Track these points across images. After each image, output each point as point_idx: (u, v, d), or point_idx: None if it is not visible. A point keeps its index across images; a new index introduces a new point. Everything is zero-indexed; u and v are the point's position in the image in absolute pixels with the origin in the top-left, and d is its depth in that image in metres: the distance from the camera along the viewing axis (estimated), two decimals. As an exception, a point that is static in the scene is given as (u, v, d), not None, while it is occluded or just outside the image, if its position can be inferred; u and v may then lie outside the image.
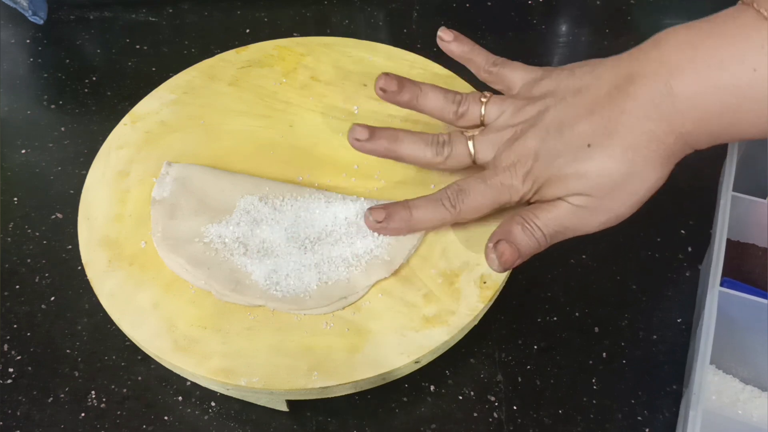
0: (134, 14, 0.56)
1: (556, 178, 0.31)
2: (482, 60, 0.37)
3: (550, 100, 0.32)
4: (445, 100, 0.36)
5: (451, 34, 0.37)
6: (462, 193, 0.33)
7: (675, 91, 0.28)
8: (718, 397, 0.37)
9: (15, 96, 0.50)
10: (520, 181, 0.32)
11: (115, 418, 0.35)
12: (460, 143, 0.34)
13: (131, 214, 0.38)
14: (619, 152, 0.29)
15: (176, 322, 0.34)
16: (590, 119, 0.30)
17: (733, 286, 0.36)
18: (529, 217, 0.31)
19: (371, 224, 0.34)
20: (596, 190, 0.30)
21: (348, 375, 0.32)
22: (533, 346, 0.38)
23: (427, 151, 0.34)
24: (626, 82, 0.30)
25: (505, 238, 0.31)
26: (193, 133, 0.42)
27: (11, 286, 0.40)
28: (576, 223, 0.31)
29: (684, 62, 0.28)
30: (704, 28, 0.29)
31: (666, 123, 0.29)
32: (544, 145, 0.31)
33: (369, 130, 0.35)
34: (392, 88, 0.35)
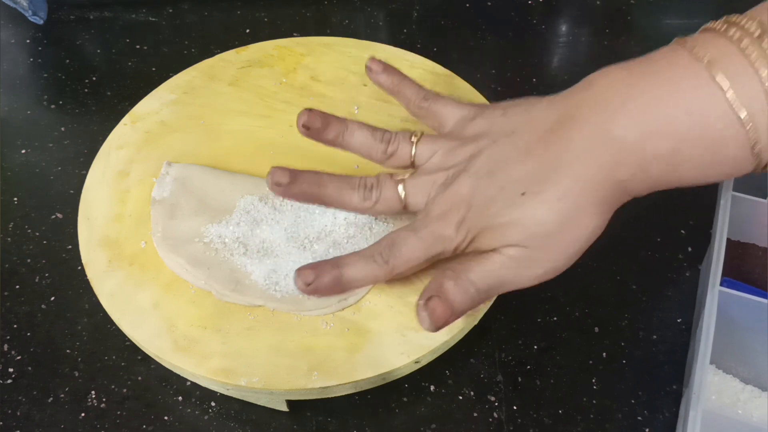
0: (134, 14, 0.56)
1: (490, 227, 0.29)
2: (412, 94, 0.35)
3: (482, 142, 0.31)
4: (373, 139, 0.34)
5: (380, 66, 0.36)
6: (394, 248, 0.30)
7: (612, 135, 0.27)
8: (718, 397, 0.37)
9: (15, 96, 0.50)
10: (453, 230, 0.30)
11: (115, 418, 0.35)
12: (389, 188, 0.32)
13: (131, 214, 0.38)
14: (553, 200, 0.28)
15: (176, 322, 0.34)
16: (523, 164, 0.29)
17: (733, 285, 0.36)
18: (461, 271, 0.29)
19: (301, 287, 0.31)
20: (531, 241, 0.29)
21: (348, 375, 0.32)
22: (533, 346, 0.38)
23: (354, 196, 0.33)
24: (560, 125, 0.29)
25: (436, 294, 0.29)
26: (193, 133, 0.42)
27: (11, 286, 0.40)
28: (511, 277, 0.30)
29: (617, 104, 0.27)
30: (637, 69, 0.28)
31: (602, 170, 0.27)
32: (476, 192, 0.29)
33: (290, 174, 0.32)
34: (316, 125, 0.33)
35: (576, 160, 0.28)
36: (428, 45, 0.53)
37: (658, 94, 0.26)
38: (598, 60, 0.35)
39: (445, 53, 0.52)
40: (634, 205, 0.45)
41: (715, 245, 0.36)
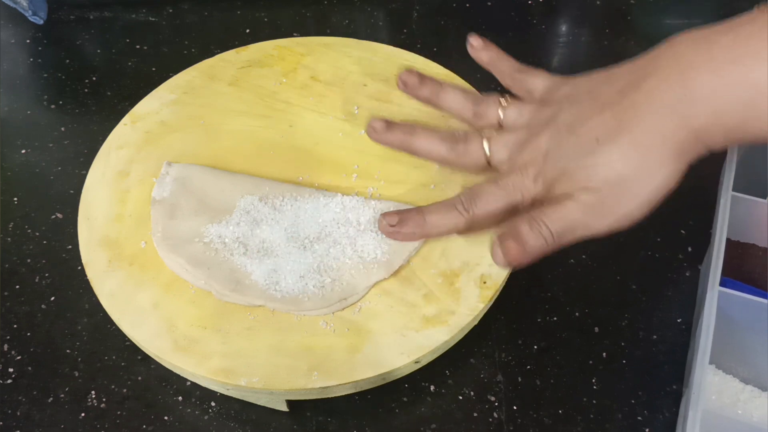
0: (134, 14, 0.56)
1: (563, 174, 0.30)
2: (507, 67, 0.37)
3: (564, 103, 0.32)
4: (465, 99, 0.36)
5: (480, 42, 0.38)
6: (475, 197, 0.32)
7: (689, 85, 0.28)
8: (719, 397, 0.37)
9: (15, 96, 0.50)
10: (531, 181, 0.31)
11: (115, 418, 0.35)
12: (476, 142, 0.34)
13: (131, 214, 0.38)
14: (626, 147, 0.29)
15: (176, 322, 0.34)
16: (601, 115, 0.30)
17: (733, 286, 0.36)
18: (536, 215, 0.31)
19: (385, 229, 0.33)
20: (603, 186, 0.29)
21: (348, 375, 0.32)
22: (533, 346, 0.38)
23: (442, 147, 0.34)
24: (637, 79, 0.30)
25: (513, 236, 0.31)
26: (193, 133, 0.42)
27: (11, 286, 0.40)
28: (584, 222, 0.30)
29: (699, 58, 0.28)
30: (719, 30, 0.29)
31: (678, 117, 0.28)
32: (554, 144, 0.31)
33: (386, 123, 0.35)
34: (413, 82, 0.36)
35: (651, 108, 0.29)
36: (428, 45, 0.53)
37: (737, 51, 0.27)
38: (598, 60, 0.35)
39: (445, 53, 0.52)
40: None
41: (715, 245, 0.36)
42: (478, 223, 0.33)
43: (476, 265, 0.36)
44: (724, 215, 0.37)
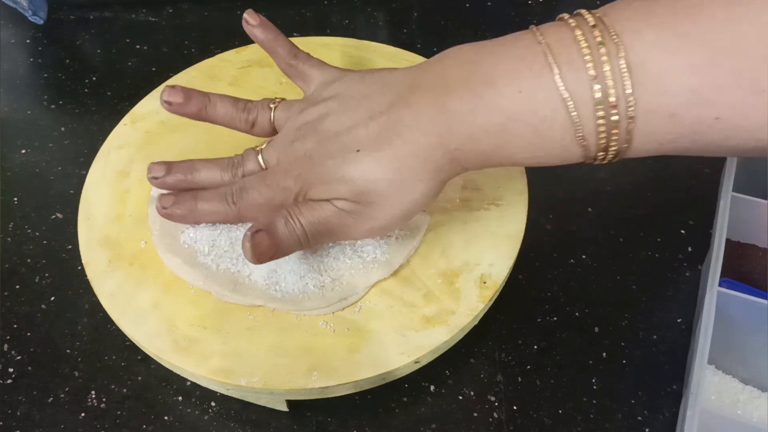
0: (134, 14, 0.56)
1: (324, 180, 0.31)
2: (284, 51, 0.36)
3: (333, 104, 0.32)
4: (235, 109, 0.35)
5: (257, 19, 0.37)
6: (243, 192, 0.33)
7: (447, 106, 0.28)
8: (718, 398, 0.37)
9: (15, 96, 0.50)
10: (293, 181, 0.32)
11: (115, 418, 0.35)
12: (251, 160, 0.34)
13: (131, 214, 0.38)
14: (386, 161, 0.29)
15: (176, 322, 0.34)
16: (367, 125, 0.30)
17: (732, 286, 0.36)
18: (294, 212, 0.31)
19: (159, 210, 0.34)
20: (360, 196, 0.30)
21: (348, 375, 0.32)
22: (533, 346, 0.38)
23: (224, 175, 0.34)
24: (405, 93, 0.30)
25: (265, 229, 0.30)
26: (193, 133, 0.42)
27: (11, 286, 0.40)
28: (339, 226, 0.31)
29: (459, 78, 0.28)
30: (486, 48, 0.29)
31: (436, 137, 0.29)
32: (318, 148, 0.31)
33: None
34: (178, 100, 0.35)
35: (412, 126, 0.29)
36: (428, 45, 0.53)
37: (495, 73, 0.27)
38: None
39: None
40: (634, 206, 0.45)
41: (715, 246, 0.36)
42: (244, 215, 0.33)
43: (476, 265, 0.36)
44: (724, 216, 0.37)
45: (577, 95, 0.26)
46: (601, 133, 0.26)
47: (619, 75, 0.25)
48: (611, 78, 0.25)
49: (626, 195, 0.45)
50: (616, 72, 0.25)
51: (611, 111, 0.25)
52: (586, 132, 0.26)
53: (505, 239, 0.37)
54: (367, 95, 0.31)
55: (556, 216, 0.44)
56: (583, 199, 0.45)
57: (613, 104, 0.25)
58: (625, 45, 0.25)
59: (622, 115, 0.25)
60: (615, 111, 0.25)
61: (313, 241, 0.32)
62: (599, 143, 0.27)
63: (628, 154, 0.27)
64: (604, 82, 0.25)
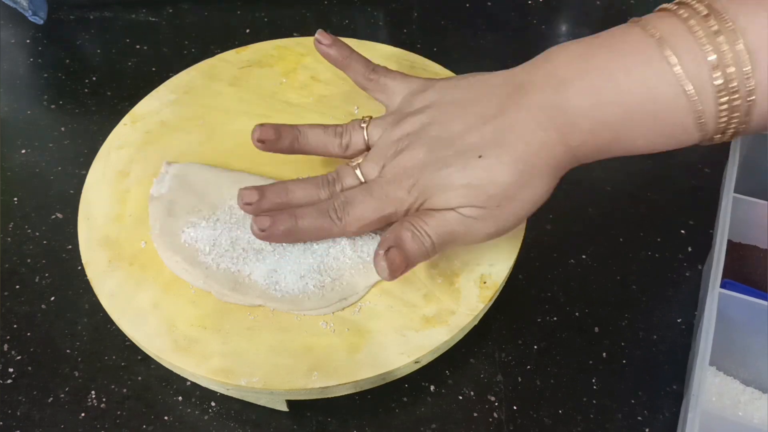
0: (134, 14, 0.56)
1: (444, 188, 0.30)
2: (361, 66, 0.36)
3: (433, 113, 0.32)
4: (326, 135, 0.35)
5: (329, 38, 0.37)
6: (348, 205, 0.32)
7: (565, 102, 0.29)
8: (719, 399, 0.37)
9: (15, 96, 0.50)
10: (406, 192, 0.31)
11: (115, 418, 0.35)
12: (348, 176, 0.33)
13: (131, 214, 0.38)
14: (510, 163, 0.29)
15: (176, 322, 0.34)
16: (480, 129, 0.30)
17: (733, 287, 0.36)
18: (419, 224, 0.31)
19: (256, 232, 0.33)
20: (485, 201, 0.30)
21: (348, 375, 0.32)
22: (533, 346, 0.38)
23: (321, 193, 0.34)
24: (517, 92, 0.30)
25: (395, 245, 0.30)
26: (193, 133, 0.42)
27: (11, 286, 0.40)
28: (465, 232, 0.31)
29: (574, 74, 0.29)
30: (595, 44, 0.29)
31: (556, 133, 0.29)
32: (431, 156, 0.31)
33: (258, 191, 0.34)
34: (270, 138, 0.34)
35: (530, 127, 0.29)
36: (428, 45, 0.53)
37: (611, 67, 0.28)
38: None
39: (445, 53, 0.52)
40: (634, 206, 0.45)
41: (716, 246, 0.36)
42: (350, 230, 0.33)
43: (476, 265, 0.36)
44: (725, 217, 0.37)
45: (698, 83, 0.27)
46: (722, 116, 0.27)
47: (738, 60, 0.26)
48: (731, 64, 0.26)
49: (626, 195, 0.45)
50: (736, 57, 0.26)
51: (733, 96, 0.26)
52: (707, 117, 0.27)
53: (505, 239, 0.37)
54: (470, 100, 0.31)
55: (556, 216, 0.44)
56: (583, 199, 0.45)
57: (734, 89, 0.26)
58: (742, 31, 0.26)
59: (743, 98, 0.26)
60: (737, 95, 0.26)
61: (439, 249, 0.32)
62: (719, 126, 0.27)
63: (746, 132, 0.28)
64: (725, 68, 0.26)
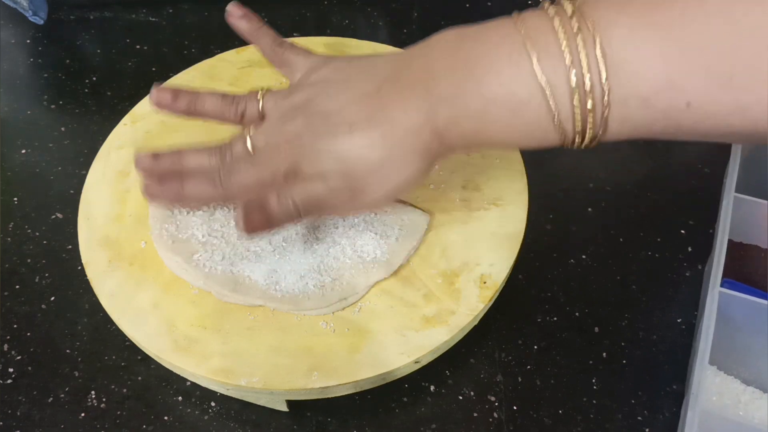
0: (134, 14, 0.56)
1: (315, 158, 0.31)
2: (269, 39, 0.37)
3: (320, 87, 0.33)
4: (223, 103, 0.36)
5: (241, 10, 0.37)
6: (231, 172, 0.33)
7: (433, 91, 0.29)
8: (720, 398, 0.36)
9: (15, 96, 0.50)
10: (282, 160, 0.32)
11: (115, 418, 0.35)
12: (239, 144, 0.34)
13: (131, 214, 0.38)
14: (377, 138, 0.30)
15: (176, 322, 0.34)
16: (356, 106, 0.31)
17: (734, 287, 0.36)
18: (285, 189, 0.32)
19: (144, 193, 0.34)
20: (351, 173, 0.31)
21: (348, 375, 0.32)
22: (533, 346, 0.38)
23: (212, 160, 0.35)
24: (394, 76, 0.31)
25: (257, 205, 0.32)
26: (193, 133, 0.42)
27: (11, 286, 0.40)
28: (330, 202, 0.32)
29: (444, 66, 0.30)
30: (469, 34, 0.30)
31: (423, 117, 0.30)
32: (308, 127, 0.32)
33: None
34: (167, 100, 0.35)
35: (401, 106, 0.30)
36: (428, 45, 0.53)
37: (475, 56, 0.29)
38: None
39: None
40: (634, 206, 0.45)
41: (717, 246, 0.36)
42: (232, 195, 0.33)
43: (476, 265, 0.36)
44: (726, 216, 0.37)
45: (553, 82, 0.27)
46: (577, 118, 0.27)
47: (594, 63, 0.26)
48: (587, 66, 0.26)
49: (626, 195, 0.45)
50: (591, 60, 0.26)
51: (587, 98, 0.27)
52: (562, 117, 0.27)
53: (505, 239, 0.37)
54: (354, 79, 0.32)
55: (556, 216, 0.44)
56: (583, 199, 0.45)
57: (588, 91, 0.26)
58: (601, 34, 0.26)
59: (597, 102, 0.27)
60: (590, 98, 0.27)
61: (305, 215, 0.32)
62: (576, 128, 0.28)
63: (605, 138, 0.28)
64: (580, 69, 0.26)
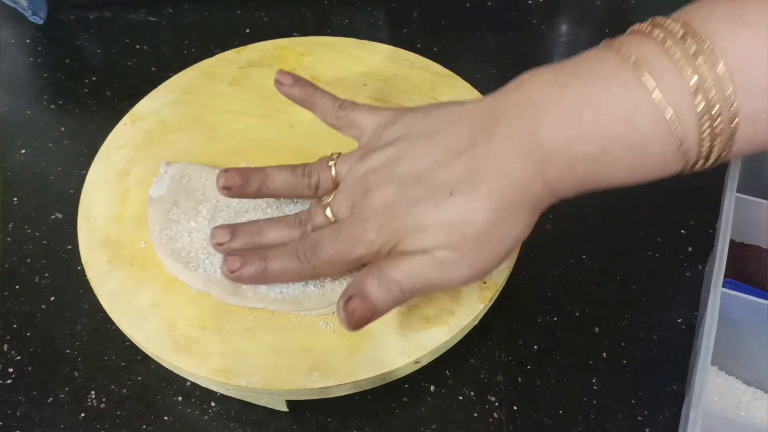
0: (134, 14, 0.56)
1: (415, 229, 0.28)
2: (328, 103, 0.35)
3: (402, 145, 0.30)
4: (294, 177, 0.34)
5: (290, 78, 0.35)
6: (317, 248, 0.31)
7: (540, 134, 0.27)
8: (721, 399, 0.36)
9: (15, 96, 0.50)
10: (375, 233, 0.29)
11: (115, 418, 0.35)
12: (319, 215, 0.32)
13: (131, 214, 0.38)
14: (483, 200, 0.27)
15: (176, 322, 0.34)
16: (451, 165, 0.28)
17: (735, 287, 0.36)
18: (386, 270, 0.29)
19: (226, 273, 0.32)
20: (460, 242, 0.28)
21: (348, 375, 0.32)
22: (533, 346, 0.38)
23: (293, 233, 0.33)
24: (488, 126, 0.28)
25: (358, 294, 0.29)
26: (193, 133, 0.42)
27: (11, 286, 0.40)
28: (439, 277, 0.29)
29: (548, 102, 0.27)
30: (568, 69, 0.27)
31: (532, 168, 0.27)
32: (400, 195, 0.29)
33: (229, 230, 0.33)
34: (236, 184, 0.33)
35: (505, 160, 0.27)
36: (428, 45, 0.53)
37: (586, 95, 0.26)
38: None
39: (445, 53, 0.52)
40: (634, 206, 0.45)
41: (718, 246, 0.36)
42: (320, 271, 0.31)
43: (476, 265, 0.36)
44: (728, 216, 0.37)
45: (678, 109, 0.25)
46: (704, 142, 0.25)
47: (719, 83, 0.24)
48: (712, 87, 0.24)
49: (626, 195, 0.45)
50: (716, 80, 0.24)
51: (716, 120, 0.25)
52: (689, 144, 0.26)
53: (506, 239, 0.37)
54: (439, 132, 0.29)
55: (556, 216, 0.44)
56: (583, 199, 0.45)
57: (717, 113, 0.25)
58: (721, 50, 0.24)
59: (725, 123, 0.25)
60: (720, 119, 0.25)
61: (411, 296, 0.29)
62: (701, 152, 0.26)
63: (728, 158, 0.27)
64: (705, 92, 0.24)
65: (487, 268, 0.29)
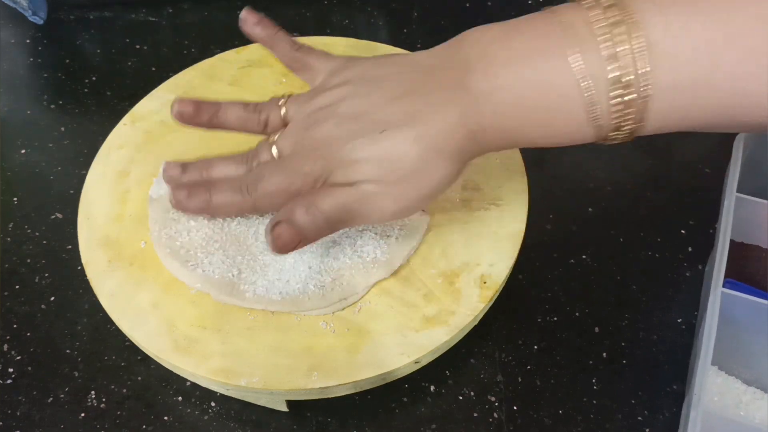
0: (134, 14, 0.56)
1: (347, 162, 0.30)
2: (286, 45, 0.36)
3: (347, 89, 0.32)
4: (246, 112, 0.35)
5: (256, 16, 0.37)
6: (259, 181, 0.32)
7: (468, 87, 0.29)
8: (721, 399, 0.36)
9: (15, 96, 0.50)
10: (310, 166, 0.31)
11: (115, 418, 0.35)
12: (265, 151, 0.33)
13: (131, 214, 0.38)
14: (412, 139, 0.29)
15: (176, 322, 0.34)
16: (389, 107, 0.30)
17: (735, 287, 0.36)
18: (314, 200, 0.30)
19: (173, 203, 0.34)
20: (385, 177, 0.30)
21: (348, 375, 0.32)
22: (533, 346, 0.38)
23: (239, 169, 0.34)
24: (425, 76, 0.30)
25: (285, 220, 0.30)
26: (193, 133, 0.41)
27: (11, 286, 0.40)
28: (363, 209, 0.31)
29: (479, 60, 0.29)
30: (504, 29, 0.29)
31: (458, 116, 0.29)
32: (338, 131, 0.31)
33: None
34: (189, 111, 0.35)
35: (435, 107, 0.29)
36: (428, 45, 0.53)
37: (512, 53, 0.28)
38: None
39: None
40: (634, 206, 0.45)
41: (719, 246, 0.36)
42: (260, 204, 0.33)
43: (476, 265, 0.36)
44: (728, 216, 0.37)
45: (591, 75, 0.26)
46: (615, 112, 0.27)
47: (635, 54, 0.25)
48: (627, 57, 0.25)
49: (626, 195, 0.45)
50: (632, 51, 0.25)
51: (627, 90, 0.26)
52: (600, 111, 0.27)
53: (505, 239, 0.37)
54: (384, 78, 0.31)
55: (556, 216, 0.44)
56: (583, 199, 0.45)
57: (628, 83, 0.26)
58: (643, 24, 0.25)
59: (637, 94, 0.26)
60: (631, 90, 0.26)
61: (336, 226, 0.31)
62: (612, 122, 0.27)
63: (643, 132, 0.28)
64: (620, 61, 0.26)
65: (410, 206, 0.31)
